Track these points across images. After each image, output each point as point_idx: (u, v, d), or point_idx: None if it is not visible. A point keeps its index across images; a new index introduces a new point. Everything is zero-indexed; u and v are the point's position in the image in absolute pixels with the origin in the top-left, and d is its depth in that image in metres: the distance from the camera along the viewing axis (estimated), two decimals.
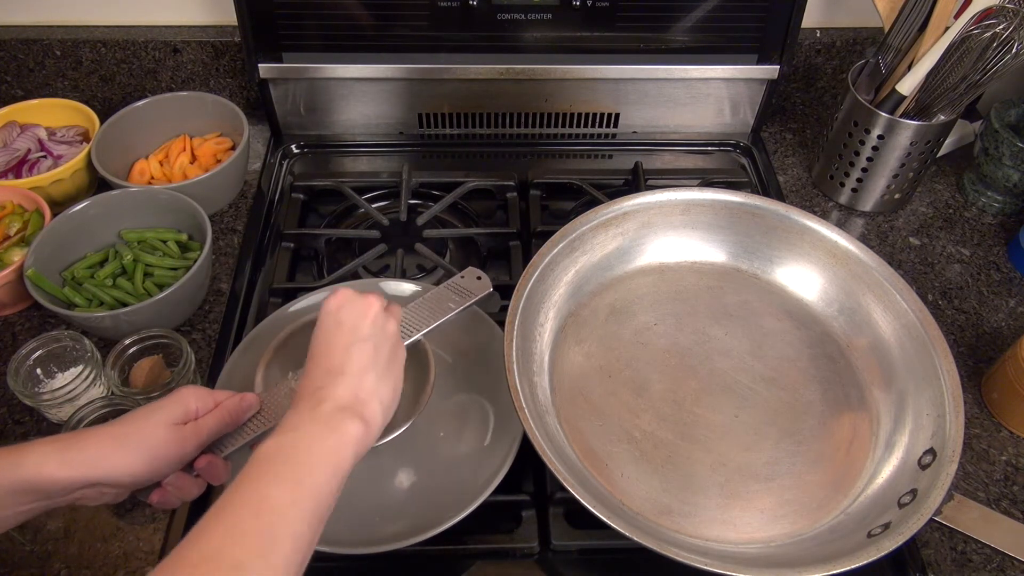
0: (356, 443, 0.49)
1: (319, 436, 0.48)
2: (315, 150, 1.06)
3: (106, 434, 0.53)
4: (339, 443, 0.49)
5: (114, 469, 0.52)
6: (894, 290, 0.75)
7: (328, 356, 0.53)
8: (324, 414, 0.50)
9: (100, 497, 0.54)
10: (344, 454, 0.49)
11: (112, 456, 0.52)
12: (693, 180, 0.99)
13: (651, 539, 0.56)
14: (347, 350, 0.53)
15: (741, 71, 0.99)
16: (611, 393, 0.73)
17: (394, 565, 0.67)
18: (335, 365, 0.53)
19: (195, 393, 0.57)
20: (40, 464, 0.50)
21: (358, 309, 0.56)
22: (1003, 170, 0.92)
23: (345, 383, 0.52)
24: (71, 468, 0.50)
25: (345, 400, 0.51)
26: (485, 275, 0.73)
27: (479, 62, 0.97)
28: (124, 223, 0.86)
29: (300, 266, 0.93)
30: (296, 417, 0.50)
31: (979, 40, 0.77)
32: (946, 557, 0.67)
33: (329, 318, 0.55)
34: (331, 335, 0.55)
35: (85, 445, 0.52)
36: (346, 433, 0.49)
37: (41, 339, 0.72)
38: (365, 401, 0.52)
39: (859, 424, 0.72)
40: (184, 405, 0.56)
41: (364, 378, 0.53)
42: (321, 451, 0.48)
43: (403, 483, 0.69)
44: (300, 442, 0.48)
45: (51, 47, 1.02)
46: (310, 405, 0.50)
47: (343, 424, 0.49)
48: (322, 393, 0.51)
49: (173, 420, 0.55)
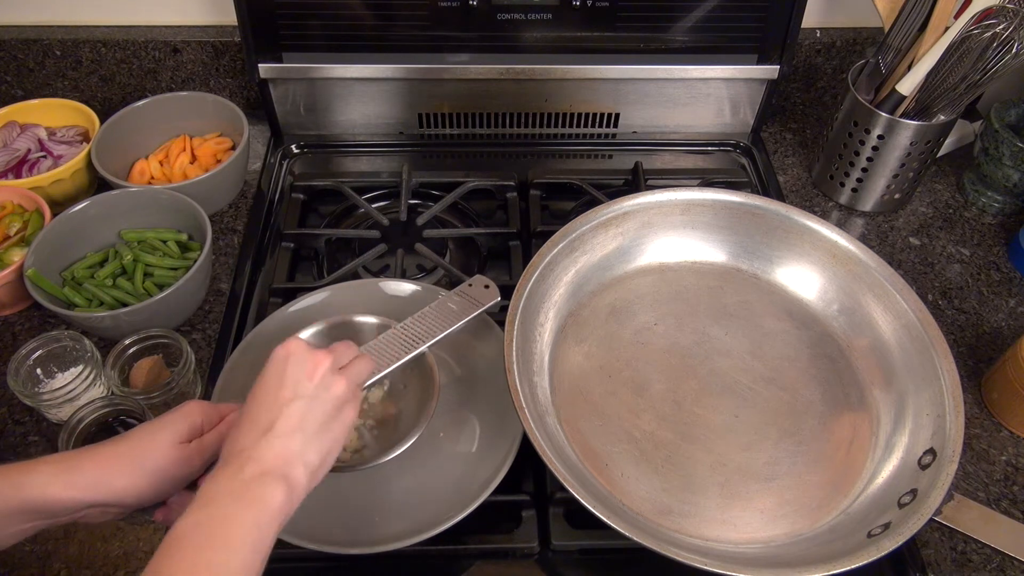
0: (277, 511, 0.47)
1: (236, 511, 0.46)
2: (315, 150, 1.06)
3: (110, 454, 0.52)
4: (260, 515, 0.46)
5: (118, 490, 0.51)
6: (894, 290, 0.75)
7: (260, 410, 0.51)
8: (243, 482, 0.47)
9: (104, 516, 0.53)
10: (265, 527, 0.46)
11: (116, 477, 0.51)
12: (693, 180, 0.99)
13: (651, 539, 0.56)
14: (280, 408, 0.51)
15: (741, 71, 0.99)
16: (611, 393, 0.73)
17: (394, 565, 0.67)
18: (265, 423, 0.50)
19: (200, 408, 0.56)
20: (44, 485, 0.49)
21: (306, 365, 0.53)
22: (1003, 170, 0.92)
23: (271, 445, 0.49)
24: (75, 489, 0.50)
25: (267, 463, 0.48)
26: (493, 284, 0.73)
27: (479, 62, 0.97)
28: (124, 223, 0.86)
29: (300, 266, 0.93)
30: (214, 487, 0.47)
31: (979, 40, 0.77)
32: (946, 557, 0.67)
33: (274, 368, 0.53)
34: (272, 388, 0.52)
35: (89, 466, 0.51)
36: (268, 502, 0.47)
37: (41, 339, 0.72)
38: (290, 463, 0.49)
39: (859, 424, 0.72)
40: (190, 421, 0.55)
41: (290, 441, 0.50)
42: (241, 528, 0.45)
43: (403, 483, 0.69)
44: (215, 520, 0.45)
45: (51, 47, 1.02)
46: (231, 471, 0.48)
47: (263, 491, 0.47)
48: (246, 455, 0.49)
49: (179, 438, 0.54)
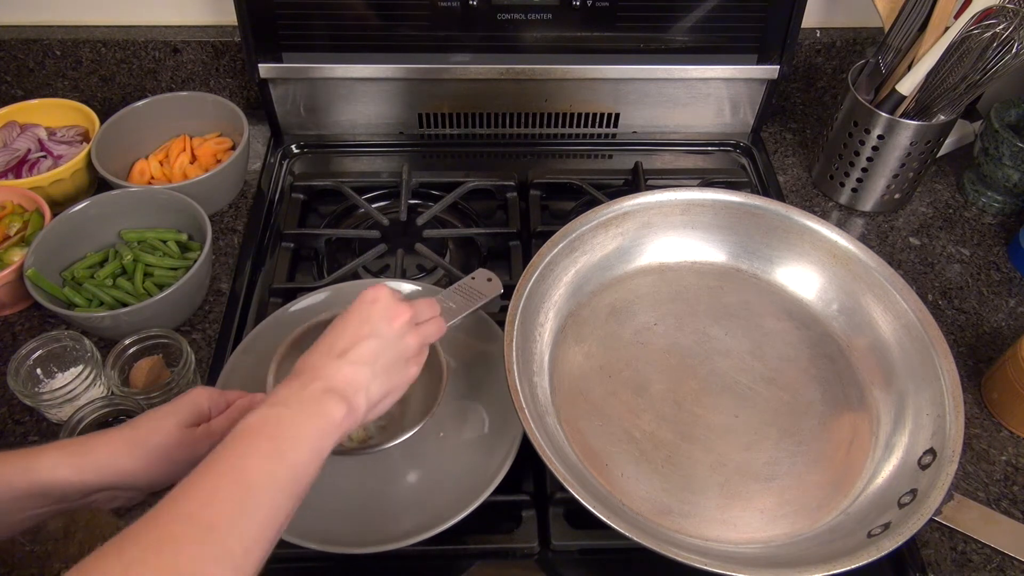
0: (338, 427, 0.50)
1: (304, 415, 0.49)
2: (315, 150, 1.06)
3: (118, 438, 0.53)
4: (322, 425, 0.49)
5: (127, 473, 0.52)
6: (894, 290, 0.75)
7: (339, 337, 0.55)
8: (313, 394, 0.50)
9: (113, 500, 0.54)
10: (326, 436, 0.49)
11: (124, 460, 0.52)
12: (693, 180, 0.99)
13: (651, 539, 0.56)
14: (358, 340, 0.54)
15: (741, 71, 0.99)
16: (611, 393, 0.73)
17: (394, 565, 0.67)
18: (340, 348, 0.54)
19: (207, 394, 0.57)
20: (53, 468, 0.50)
21: (389, 311, 0.57)
22: (1003, 170, 0.92)
23: (342, 368, 0.52)
24: (84, 472, 0.50)
25: (335, 382, 0.51)
26: (496, 277, 0.73)
27: (479, 62, 0.97)
28: (124, 223, 0.86)
29: (300, 266, 0.93)
30: (286, 391, 0.50)
31: (979, 40, 0.77)
32: (946, 557, 0.67)
33: (361, 307, 0.57)
34: (353, 322, 0.56)
35: (98, 449, 0.51)
36: (330, 416, 0.50)
37: (41, 339, 0.72)
38: (354, 388, 0.52)
39: (859, 424, 0.72)
40: (196, 406, 0.56)
41: (360, 369, 0.53)
42: (305, 430, 0.48)
43: (403, 483, 0.69)
44: (284, 418, 0.48)
45: (51, 47, 1.02)
46: (302, 382, 0.51)
47: (328, 406, 0.50)
48: (317, 372, 0.52)
49: (186, 423, 0.55)
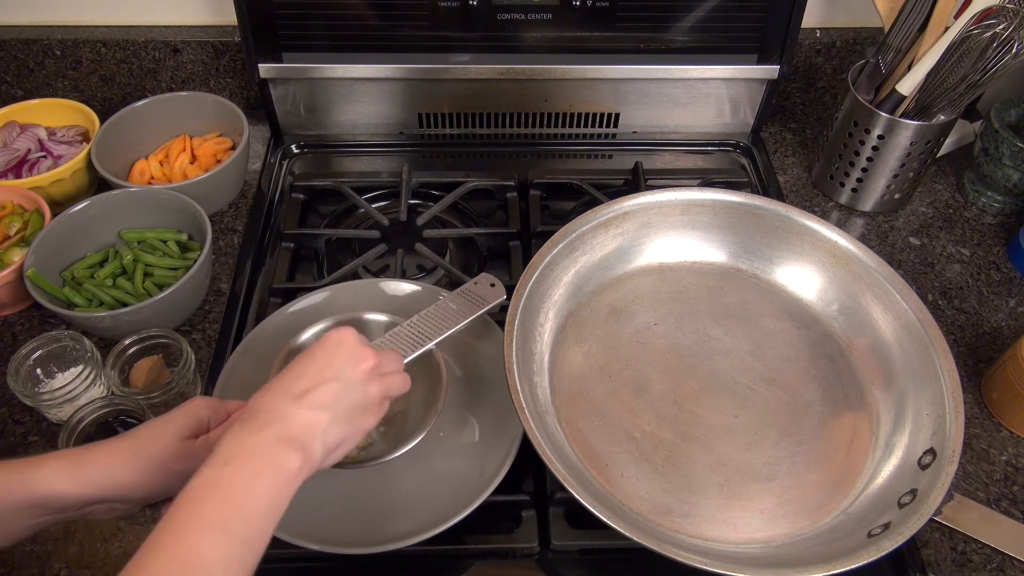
0: (293, 478, 0.47)
1: (254, 471, 0.46)
2: (315, 150, 1.06)
3: (117, 449, 0.52)
4: (277, 480, 0.46)
5: (125, 485, 0.51)
6: (894, 290, 0.75)
7: (299, 378, 0.52)
8: (266, 443, 0.47)
9: (110, 512, 0.53)
10: (279, 490, 0.46)
11: (123, 472, 0.51)
12: (693, 180, 0.99)
13: (651, 539, 0.56)
14: (319, 383, 0.52)
15: (741, 71, 0.99)
16: (611, 393, 0.73)
17: (394, 565, 0.67)
18: (299, 389, 0.51)
19: (207, 404, 0.56)
20: (51, 480, 0.49)
21: (354, 356, 0.54)
22: (1003, 170, 0.92)
23: (300, 411, 0.50)
24: (82, 484, 0.50)
25: (291, 429, 0.48)
26: (499, 282, 0.73)
27: (479, 62, 0.97)
28: (124, 223, 0.86)
29: (300, 266, 0.93)
30: (236, 443, 0.47)
31: (979, 40, 0.77)
32: (946, 557, 0.67)
33: (325, 348, 0.54)
34: (316, 363, 0.53)
35: (96, 461, 0.51)
36: (285, 467, 0.47)
37: (41, 339, 0.72)
38: (311, 434, 0.49)
39: (859, 424, 0.72)
40: (196, 417, 0.55)
41: (319, 414, 0.50)
42: (258, 489, 0.45)
43: (403, 483, 0.69)
44: (236, 478, 0.45)
45: (51, 47, 1.02)
46: (255, 427, 0.48)
47: (283, 456, 0.47)
48: (271, 416, 0.49)
49: (185, 434, 0.54)
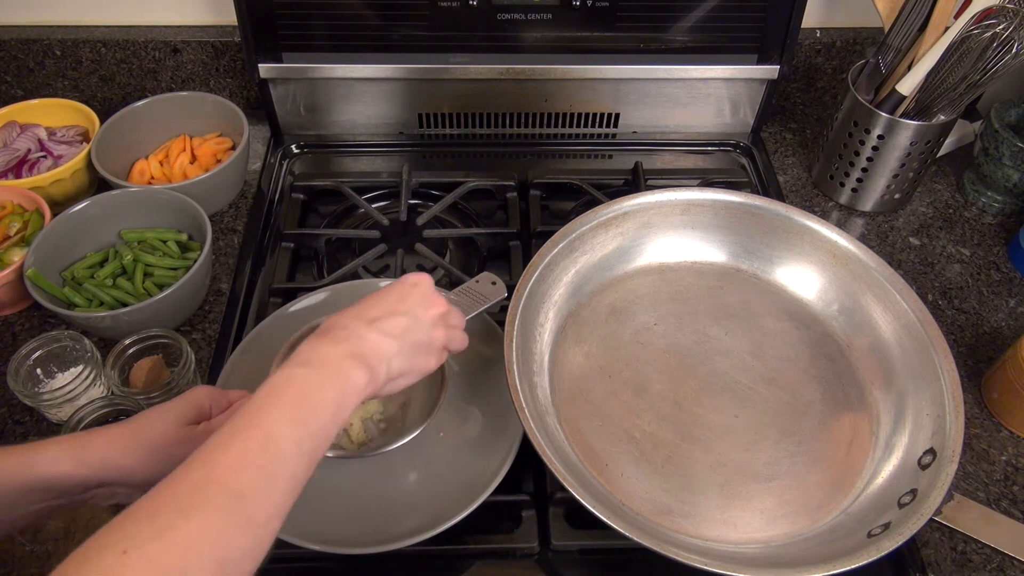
0: (358, 391, 0.50)
1: (327, 378, 0.49)
2: (315, 150, 1.06)
3: (119, 433, 0.53)
4: (344, 389, 0.50)
5: (126, 469, 0.52)
6: (894, 290, 0.75)
7: (373, 306, 0.55)
8: (338, 355, 0.51)
9: (112, 496, 0.54)
10: (347, 401, 0.50)
11: (124, 456, 0.52)
12: (693, 180, 0.99)
13: (651, 539, 0.56)
14: (391, 313, 0.55)
15: (741, 71, 0.99)
16: (611, 393, 0.73)
17: (394, 565, 0.67)
18: (372, 316, 0.54)
19: (208, 393, 0.57)
20: (53, 463, 0.50)
21: (427, 299, 0.58)
22: (1003, 170, 0.92)
23: (370, 334, 0.53)
24: (83, 467, 0.50)
25: (360, 348, 0.52)
26: (500, 280, 0.73)
27: (479, 62, 0.97)
28: (124, 223, 0.86)
29: (300, 266, 0.93)
30: (310, 350, 0.51)
31: (979, 40, 0.77)
32: (946, 557, 0.67)
33: (402, 287, 0.58)
34: (391, 296, 0.57)
35: (97, 445, 0.52)
36: (353, 381, 0.50)
37: (41, 339, 0.72)
38: (379, 356, 0.53)
39: (859, 424, 0.72)
40: (197, 405, 0.56)
41: (388, 340, 0.54)
42: (328, 394, 0.48)
43: (403, 483, 0.69)
44: (310, 380, 0.48)
45: (51, 47, 1.02)
46: (328, 341, 0.51)
47: (352, 371, 0.50)
48: (346, 333, 0.52)
49: (186, 420, 0.55)
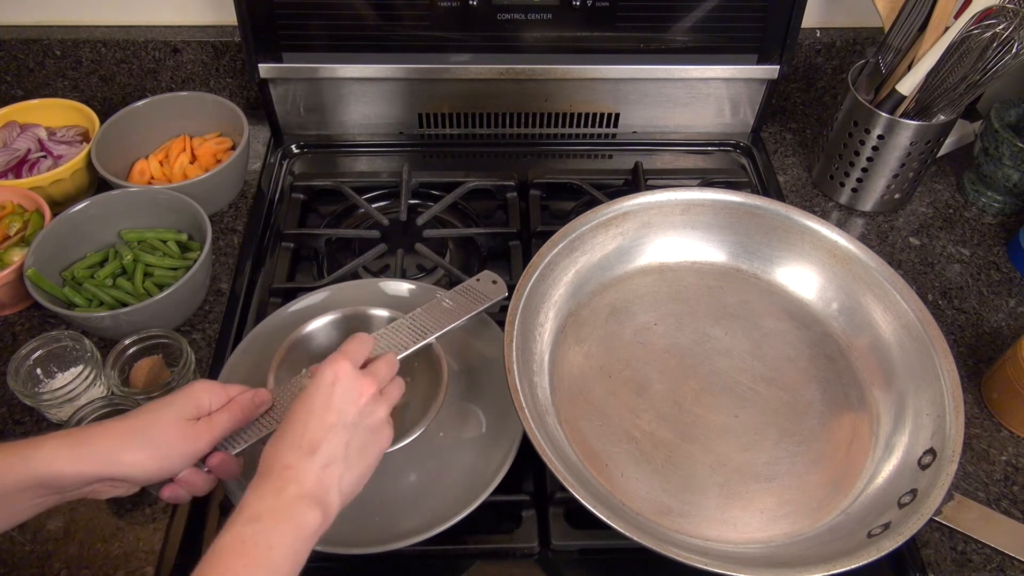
0: (312, 535, 0.49)
1: (279, 531, 0.48)
2: (315, 150, 1.06)
3: (118, 429, 0.53)
4: (297, 537, 0.48)
5: (126, 465, 0.52)
6: (894, 290, 0.75)
7: (305, 429, 0.53)
8: (285, 502, 0.49)
9: (111, 491, 0.54)
10: (301, 548, 0.49)
11: (124, 452, 0.52)
12: (693, 180, 0.99)
13: (651, 539, 0.56)
14: (325, 431, 0.53)
15: (741, 71, 0.99)
16: (611, 393, 0.73)
17: (394, 565, 0.67)
18: (307, 443, 0.52)
19: (208, 388, 0.57)
20: (51, 459, 0.50)
21: (352, 392, 0.55)
22: (1003, 170, 0.92)
23: (312, 467, 0.51)
24: (83, 463, 0.50)
25: (308, 487, 0.50)
26: (501, 280, 0.73)
27: (479, 62, 0.97)
28: (124, 223, 0.86)
29: (300, 266, 0.93)
30: (258, 502, 0.49)
31: (979, 40, 0.77)
32: (946, 557, 0.67)
33: (321, 391, 0.54)
34: (317, 410, 0.53)
35: (97, 440, 0.52)
36: (305, 525, 0.49)
37: (41, 339, 0.72)
38: (328, 489, 0.51)
39: (859, 424, 0.72)
40: (196, 400, 0.56)
41: (332, 465, 0.52)
42: (280, 548, 0.47)
43: (403, 483, 0.69)
44: (260, 537, 0.47)
45: (51, 47, 1.02)
46: (274, 487, 0.50)
47: (303, 514, 0.49)
48: (288, 474, 0.50)
49: (186, 415, 0.55)
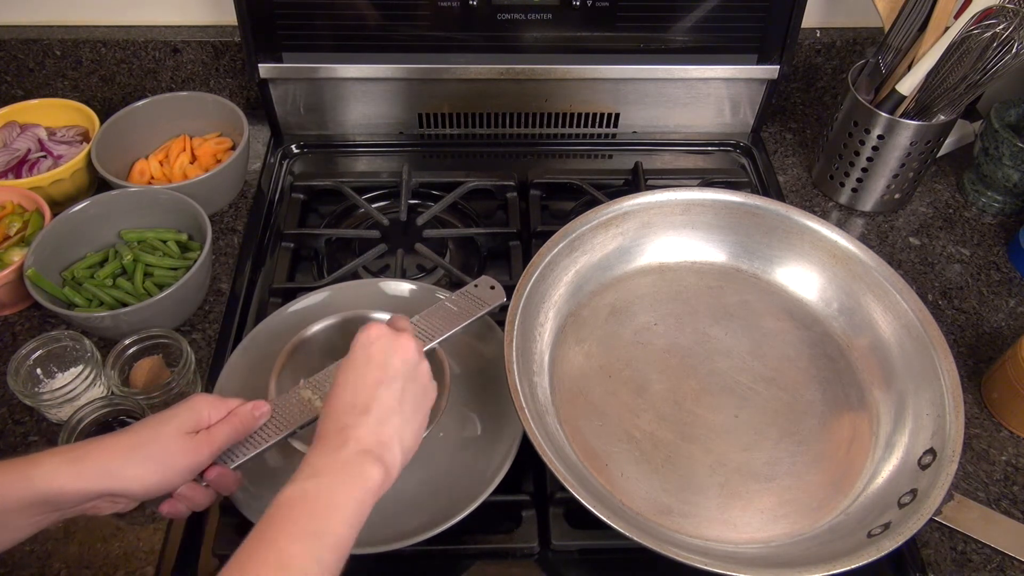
0: (376, 489, 0.49)
1: (340, 485, 0.48)
2: (315, 150, 1.06)
3: (118, 445, 0.52)
4: (359, 491, 0.48)
5: (126, 481, 0.51)
6: (894, 290, 0.75)
7: (355, 391, 0.53)
8: (346, 458, 0.49)
9: (111, 507, 0.54)
10: (363, 502, 0.48)
11: (124, 468, 0.51)
12: (693, 180, 0.99)
13: (651, 539, 0.56)
14: (375, 388, 0.53)
15: (741, 71, 0.99)
16: (611, 393, 0.73)
17: (394, 565, 0.67)
18: (361, 402, 0.52)
19: (207, 401, 0.57)
20: (52, 477, 0.49)
21: (390, 346, 0.55)
22: (1003, 170, 0.92)
23: (369, 424, 0.51)
24: (83, 480, 0.50)
25: (368, 443, 0.50)
26: (499, 285, 0.73)
27: (479, 62, 0.97)
28: (124, 223, 0.86)
29: (300, 266, 0.93)
30: (318, 460, 0.49)
31: (979, 40, 0.77)
32: (946, 557, 0.67)
33: (360, 352, 0.55)
34: (360, 370, 0.54)
35: (97, 456, 0.51)
36: (367, 480, 0.49)
37: (41, 339, 0.72)
38: (387, 445, 0.51)
39: (859, 424, 0.72)
40: (197, 413, 0.55)
41: (389, 420, 0.52)
42: (342, 501, 0.47)
43: (403, 483, 0.68)
44: (322, 491, 0.47)
45: (51, 47, 1.02)
46: (333, 446, 0.50)
47: (364, 470, 0.49)
48: (346, 433, 0.50)
49: (186, 429, 0.54)
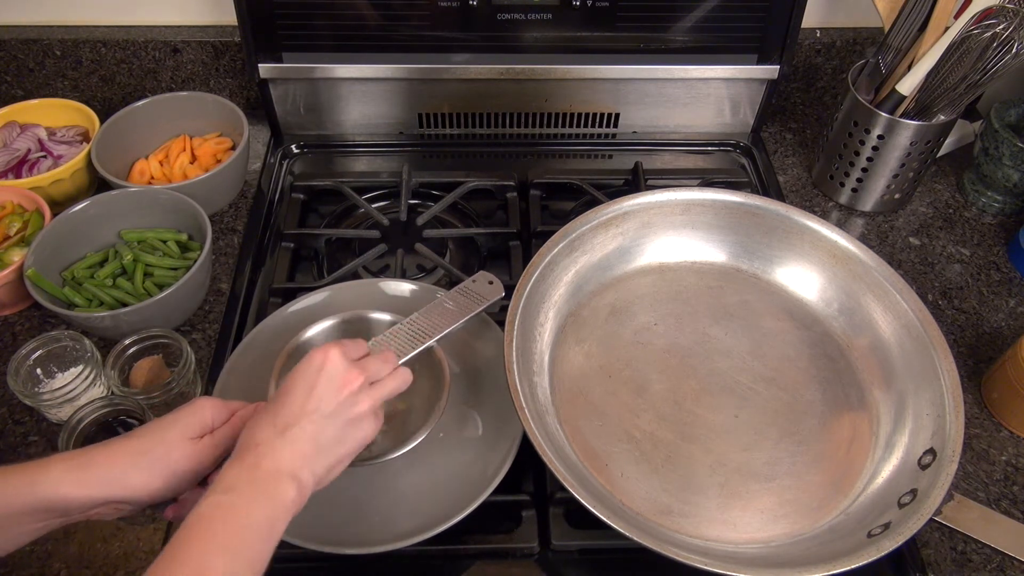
0: (289, 508, 0.50)
1: (255, 502, 0.49)
2: (315, 150, 1.06)
3: (122, 451, 0.52)
4: (274, 510, 0.49)
5: (132, 487, 0.51)
6: (894, 290, 0.75)
7: (283, 408, 0.53)
8: (261, 476, 0.50)
9: (116, 513, 0.54)
10: (277, 521, 0.49)
11: (129, 474, 0.51)
12: (693, 180, 0.99)
13: (651, 539, 0.56)
14: (300, 417, 0.53)
15: (741, 71, 0.99)
16: (611, 393, 0.73)
17: (394, 565, 0.67)
18: (285, 421, 0.53)
19: (211, 404, 0.57)
20: (57, 484, 0.49)
21: (336, 381, 0.55)
22: (1003, 170, 0.92)
23: (287, 445, 0.52)
24: (88, 487, 0.50)
25: (283, 463, 0.51)
26: (497, 280, 0.73)
27: (479, 62, 0.97)
28: (124, 223, 0.86)
29: (300, 266, 0.93)
30: (234, 474, 0.50)
31: (979, 40, 0.77)
32: (946, 557, 0.67)
33: (306, 376, 0.55)
34: (299, 392, 0.54)
35: (101, 463, 0.51)
36: (280, 499, 0.49)
37: (41, 339, 0.72)
38: (300, 467, 0.52)
39: (859, 424, 0.72)
40: (200, 417, 0.55)
41: (303, 447, 0.52)
42: (257, 518, 0.48)
43: (403, 483, 0.69)
44: (238, 506, 0.48)
45: (51, 47, 1.02)
46: (250, 462, 0.50)
47: (279, 487, 0.50)
48: (263, 450, 0.51)
49: (190, 434, 0.54)
